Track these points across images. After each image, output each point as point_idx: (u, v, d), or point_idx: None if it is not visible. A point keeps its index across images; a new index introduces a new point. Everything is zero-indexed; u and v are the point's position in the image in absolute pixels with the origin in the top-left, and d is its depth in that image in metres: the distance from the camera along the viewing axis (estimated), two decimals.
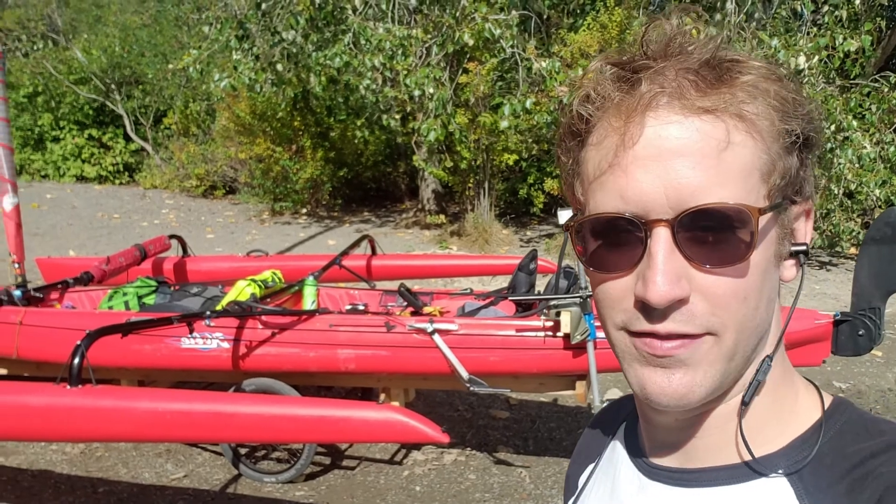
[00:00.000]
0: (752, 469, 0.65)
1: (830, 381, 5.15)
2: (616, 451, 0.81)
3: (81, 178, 14.92)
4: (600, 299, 0.65)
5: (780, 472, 0.63)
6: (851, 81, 7.62)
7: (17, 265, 4.11)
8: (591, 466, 0.85)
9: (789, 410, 0.67)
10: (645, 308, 0.60)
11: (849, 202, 7.85)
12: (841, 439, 0.63)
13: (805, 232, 0.66)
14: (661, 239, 0.58)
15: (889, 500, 0.57)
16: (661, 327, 0.59)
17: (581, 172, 0.66)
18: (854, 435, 0.63)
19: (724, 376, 0.62)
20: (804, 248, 0.66)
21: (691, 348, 0.60)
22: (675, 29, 0.62)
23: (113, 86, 14.82)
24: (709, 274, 0.59)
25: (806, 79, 6.59)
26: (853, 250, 7.89)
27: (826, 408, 0.67)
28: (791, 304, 0.74)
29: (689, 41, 0.61)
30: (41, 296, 3.96)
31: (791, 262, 0.66)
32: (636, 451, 0.76)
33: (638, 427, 0.77)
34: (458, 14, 7.06)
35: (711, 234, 0.58)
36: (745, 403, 0.64)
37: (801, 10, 7.20)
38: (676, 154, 0.58)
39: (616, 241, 0.61)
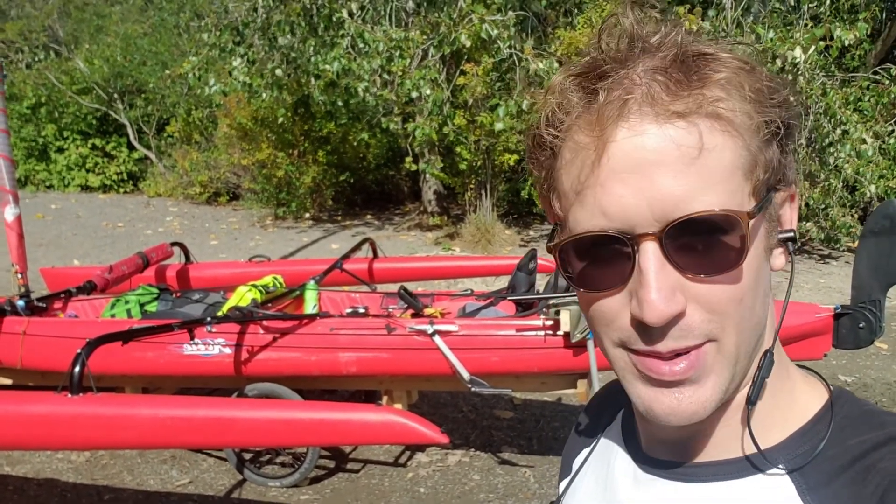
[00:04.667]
0: (752, 464, 0.64)
1: (836, 374, 5.14)
2: (612, 439, 0.80)
3: (86, 188, 15.00)
4: (594, 318, 0.63)
5: (780, 466, 0.62)
6: (851, 74, 7.60)
7: (20, 275, 4.14)
8: (586, 451, 0.84)
9: (787, 403, 0.66)
10: (642, 327, 0.58)
11: (849, 196, 7.82)
12: (841, 432, 0.62)
13: (790, 218, 0.65)
14: (651, 254, 0.56)
15: (894, 494, 0.55)
16: (662, 346, 0.58)
17: (557, 187, 0.63)
18: (854, 427, 0.62)
19: (731, 382, 0.61)
20: (791, 234, 0.64)
21: (697, 366, 0.58)
22: (636, 25, 0.59)
23: (115, 95, 14.89)
24: (703, 283, 0.57)
25: (802, 72, 6.57)
26: (853, 244, 7.86)
27: (826, 400, 0.66)
28: (786, 294, 0.72)
29: (652, 35, 0.59)
30: (44, 305, 3.98)
31: (780, 250, 0.64)
32: (633, 441, 0.75)
33: (635, 416, 0.75)
34: (455, 15, 7.07)
35: (701, 243, 0.56)
36: (751, 403, 0.62)
37: (798, 2, 7.18)
38: (655, 165, 0.55)
39: (603, 258, 0.59)
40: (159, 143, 15.09)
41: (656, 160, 0.55)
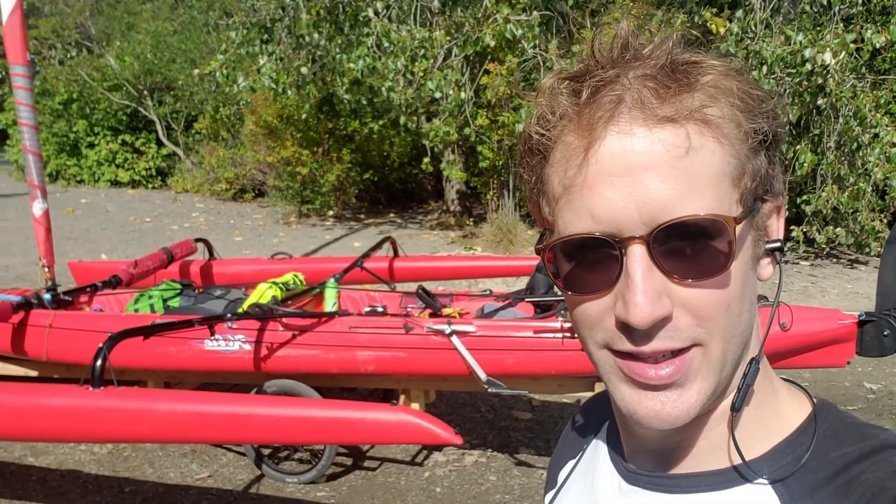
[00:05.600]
0: (736, 474, 0.64)
1: (861, 381, 5.05)
2: (597, 451, 0.80)
3: (115, 183, 15.26)
4: (578, 320, 0.63)
5: (764, 477, 0.62)
6: (882, 77, 7.45)
7: (47, 269, 4.22)
8: (571, 463, 0.84)
9: (772, 415, 0.66)
10: (627, 328, 0.58)
11: (879, 201, 7.68)
12: (824, 444, 0.62)
13: (777, 228, 0.65)
14: (638, 257, 0.56)
15: None
16: (647, 347, 0.58)
17: (546, 191, 0.63)
18: (837, 440, 0.62)
19: (716, 388, 0.61)
20: (779, 244, 0.64)
21: (683, 370, 0.58)
22: (627, 33, 0.60)
23: (145, 92, 15.12)
24: (690, 287, 0.57)
25: (832, 75, 6.46)
26: (882, 249, 7.72)
27: (809, 412, 0.66)
28: (773, 305, 0.72)
29: (643, 45, 0.59)
30: (70, 299, 4.05)
31: (767, 260, 0.64)
32: (617, 453, 0.75)
33: (619, 427, 0.75)
34: (479, 15, 7.06)
35: (689, 247, 0.57)
36: (735, 409, 0.62)
37: (830, 3, 7.06)
38: (644, 168, 0.56)
39: (590, 261, 0.59)
40: (187, 140, 15.29)
41: (644, 163, 0.56)
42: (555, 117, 0.61)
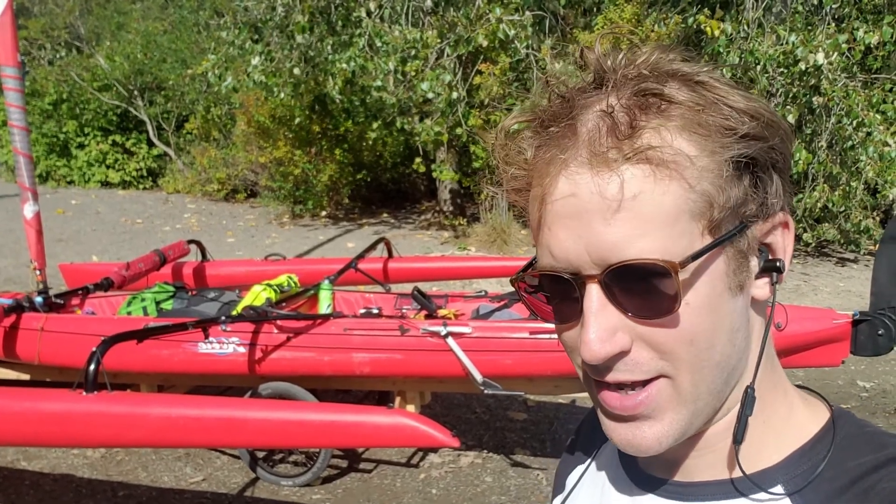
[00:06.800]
0: (750, 483, 0.63)
1: (854, 380, 5.08)
2: (608, 457, 0.79)
3: (106, 184, 15.16)
4: (563, 344, 0.65)
5: (778, 486, 0.62)
6: (874, 76, 7.49)
7: (38, 272, 4.19)
8: (580, 468, 0.83)
9: (784, 424, 0.65)
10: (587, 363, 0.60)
11: (871, 199, 7.71)
12: (841, 453, 0.62)
13: (783, 245, 0.63)
14: (593, 295, 0.58)
15: None
16: (609, 378, 0.59)
17: (530, 222, 0.66)
18: (854, 448, 0.62)
19: (692, 418, 0.61)
20: (776, 264, 0.63)
21: (649, 403, 0.59)
22: (597, 57, 0.60)
23: (136, 92, 15.03)
24: (645, 325, 0.58)
25: (825, 75, 6.48)
26: (874, 248, 7.75)
27: (826, 420, 0.66)
28: (765, 327, 0.69)
29: (615, 66, 0.59)
30: (62, 302, 4.02)
31: (763, 280, 0.63)
32: (628, 460, 0.75)
33: None
34: (472, 15, 7.05)
35: (638, 287, 0.57)
36: (737, 441, 0.62)
37: (821, 2, 7.09)
38: (590, 212, 0.56)
39: (559, 294, 0.62)
40: (178, 140, 15.21)
41: (590, 207, 0.57)
42: (521, 163, 0.63)
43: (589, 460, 0.83)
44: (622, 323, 0.58)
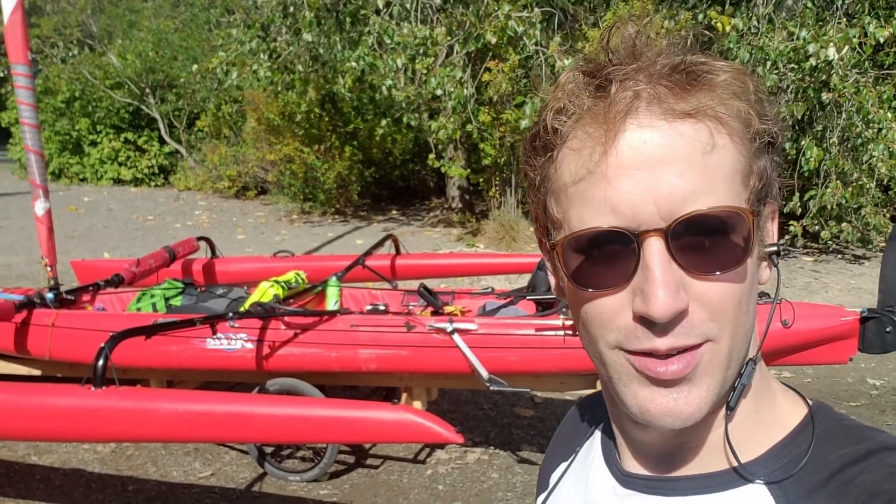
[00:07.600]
0: (732, 476, 0.64)
1: (864, 377, 5.05)
2: (591, 454, 0.80)
3: (118, 181, 15.27)
4: (589, 319, 0.62)
5: (760, 479, 0.62)
6: (885, 71, 7.42)
7: (49, 268, 4.22)
8: (563, 465, 0.83)
9: (769, 417, 0.66)
10: (646, 322, 0.58)
11: (882, 196, 7.65)
12: (821, 446, 0.62)
13: (773, 233, 0.65)
14: (656, 250, 0.56)
15: None
16: (662, 343, 0.57)
17: (555, 189, 0.63)
18: (834, 442, 0.62)
19: (722, 386, 0.61)
20: (776, 248, 0.65)
21: (693, 365, 0.58)
22: (636, 33, 0.60)
23: (147, 90, 15.12)
24: (706, 281, 0.57)
25: (836, 70, 6.43)
26: (885, 245, 7.69)
27: (804, 413, 0.66)
28: (770, 311, 0.73)
29: (652, 46, 0.60)
30: (73, 298, 4.05)
31: (765, 263, 0.65)
32: (611, 456, 0.75)
33: (613, 430, 0.75)
34: (481, 12, 7.05)
35: (706, 241, 0.57)
36: (730, 408, 0.63)
37: None
38: (663, 161, 0.56)
39: (604, 256, 0.59)
40: (189, 138, 15.29)
41: (664, 156, 0.56)
42: (573, 109, 0.60)
43: (572, 457, 0.83)
44: (682, 281, 0.57)
